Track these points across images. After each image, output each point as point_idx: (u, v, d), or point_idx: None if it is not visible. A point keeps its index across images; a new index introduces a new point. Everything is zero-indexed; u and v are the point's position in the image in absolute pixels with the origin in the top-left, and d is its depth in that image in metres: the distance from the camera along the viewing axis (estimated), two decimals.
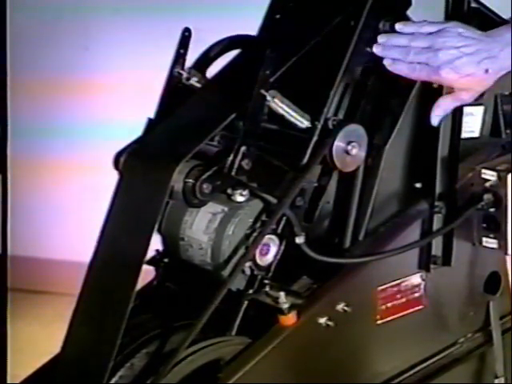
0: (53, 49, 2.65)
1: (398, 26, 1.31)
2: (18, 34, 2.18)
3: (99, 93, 2.66)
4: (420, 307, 1.40)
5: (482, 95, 1.39)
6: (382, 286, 1.35)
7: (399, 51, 1.29)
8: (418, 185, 1.39)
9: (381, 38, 1.31)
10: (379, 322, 1.36)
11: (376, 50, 1.30)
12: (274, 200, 1.25)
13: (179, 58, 1.33)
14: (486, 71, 1.25)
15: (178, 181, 1.19)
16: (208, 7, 2.42)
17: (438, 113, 1.33)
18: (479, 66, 1.25)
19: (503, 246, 1.37)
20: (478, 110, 1.43)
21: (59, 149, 2.70)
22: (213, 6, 2.43)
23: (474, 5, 1.41)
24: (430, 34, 1.28)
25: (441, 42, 1.26)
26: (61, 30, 2.64)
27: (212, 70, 1.37)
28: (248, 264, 1.25)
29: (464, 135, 1.39)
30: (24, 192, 2.54)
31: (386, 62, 1.30)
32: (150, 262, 1.35)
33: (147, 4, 2.53)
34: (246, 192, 1.24)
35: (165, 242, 1.34)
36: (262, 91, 1.20)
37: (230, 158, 1.20)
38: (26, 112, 2.47)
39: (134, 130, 1.32)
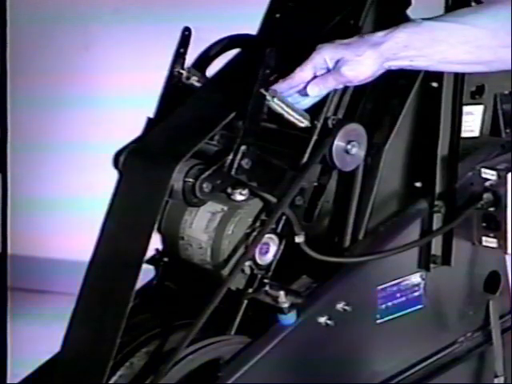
0: (52, 49, 2.65)
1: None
2: (18, 35, 2.18)
3: (99, 93, 2.66)
4: (420, 306, 1.40)
5: (481, 94, 1.40)
6: (381, 285, 1.35)
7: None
8: (418, 184, 1.39)
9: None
10: (379, 321, 1.36)
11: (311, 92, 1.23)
12: (273, 199, 1.25)
13: (179, 57, 1.33)
14: None
15: (177, 180, 1.19)
16: (208, 6, 2.42)
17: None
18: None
19: (503, 246, 1.37)
20: (478, 110, 1.43)
21: (59, 149, 2.70)
22: (213, 5, 2.43)
23: (474, 4, 1.41)
24: None
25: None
26: (60, 30, 2.64)
27: (212, 69, 1.37)
28: (248, 263, 1.25)
29: (464, 134, 1.39)
30: (24, 191, 2.54)
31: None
32: (149, 261, 1.35)
33: (147, 4, 2.54)
34: (245, 191, 1.24)
35: (164, 241, 1.34)
36: (262, 90, 1.20)
37: (230, 157, 1.20)
38: (25, 113, 2.47)
39: (133, 130, 1.32)
